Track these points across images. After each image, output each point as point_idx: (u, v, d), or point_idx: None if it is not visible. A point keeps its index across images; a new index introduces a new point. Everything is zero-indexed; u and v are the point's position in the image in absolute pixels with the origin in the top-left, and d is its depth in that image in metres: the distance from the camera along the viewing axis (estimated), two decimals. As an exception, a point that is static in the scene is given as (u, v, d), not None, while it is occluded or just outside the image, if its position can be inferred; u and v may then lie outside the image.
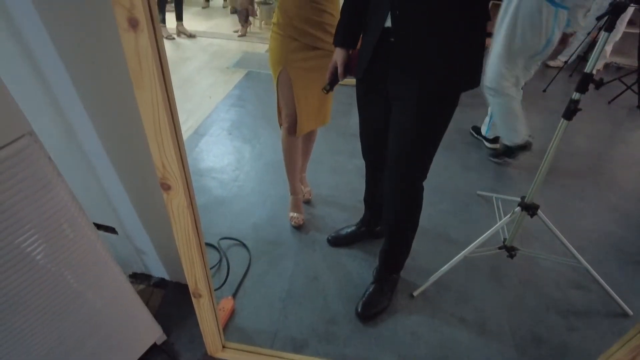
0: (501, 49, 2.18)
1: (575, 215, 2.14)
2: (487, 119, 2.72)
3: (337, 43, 1.31)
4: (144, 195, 1.22)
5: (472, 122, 2.94)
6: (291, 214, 1.94)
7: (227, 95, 3.34)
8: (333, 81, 1.36)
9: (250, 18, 5.23)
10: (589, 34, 3.85)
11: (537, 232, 1.94)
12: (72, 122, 1.00)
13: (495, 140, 2.71)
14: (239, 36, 5.05)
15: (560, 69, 4.03)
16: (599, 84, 1.34)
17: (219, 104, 3.17)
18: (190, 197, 0.86)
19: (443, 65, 1.08)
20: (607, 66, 4.61)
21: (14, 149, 0.64)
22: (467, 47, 1.09)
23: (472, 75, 1.13)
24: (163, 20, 4.75)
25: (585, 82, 1.33)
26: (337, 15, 1.49)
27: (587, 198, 2.29)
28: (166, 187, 0.82)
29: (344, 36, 1.29)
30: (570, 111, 1.38)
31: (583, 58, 4.17)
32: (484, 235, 1.63)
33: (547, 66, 4.45)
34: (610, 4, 1.28)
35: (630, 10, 3.91)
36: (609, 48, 4.31)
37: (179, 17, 4.75)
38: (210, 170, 2.31)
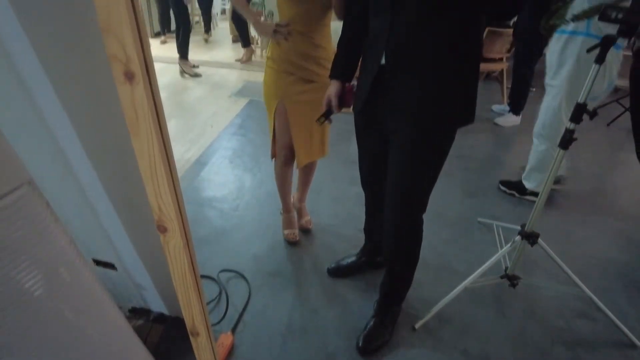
0: (564, 95, 2.09)
1: (577, 241, 2.12)
2: (529, 168, 2.43)
3: (333, 76, 1.34)
4: (142, 232, 1.23)
5: (471, 147, 2.95)
6: (285, 232, 1.95)
7: (229, 123, 3.38)
8: (328, 113, 1.39)
9: (252, 46, 5.32)
10: None
11: (540, 259, 1.91)
12: (72, 162, 1.02)
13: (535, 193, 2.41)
14: (242, 62, 5.13)
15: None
16: (593, 115, 1.35)
17: (221, 132, 3.21)
18: (186, 238, 0.86)
19: (437, 102, 1.10)
20: (604, 88, 4.65)
21: (11, 199, 0.65)
22: (461, 83, 1.11)
23: (466, 111, 1.15)
24: (185, 55, 4.60)
25: (579, 113, 1.35)
26: (331, 50, 1.53)
27: (588, 223, 2.27)
28: (163, 230, 0.82)
29: (344, 68, 1.33)
30: (566, 140, 1.39)
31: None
32: (485, 265, 1.62)
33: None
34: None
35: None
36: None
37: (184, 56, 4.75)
38: (211, 200, 2.32)
